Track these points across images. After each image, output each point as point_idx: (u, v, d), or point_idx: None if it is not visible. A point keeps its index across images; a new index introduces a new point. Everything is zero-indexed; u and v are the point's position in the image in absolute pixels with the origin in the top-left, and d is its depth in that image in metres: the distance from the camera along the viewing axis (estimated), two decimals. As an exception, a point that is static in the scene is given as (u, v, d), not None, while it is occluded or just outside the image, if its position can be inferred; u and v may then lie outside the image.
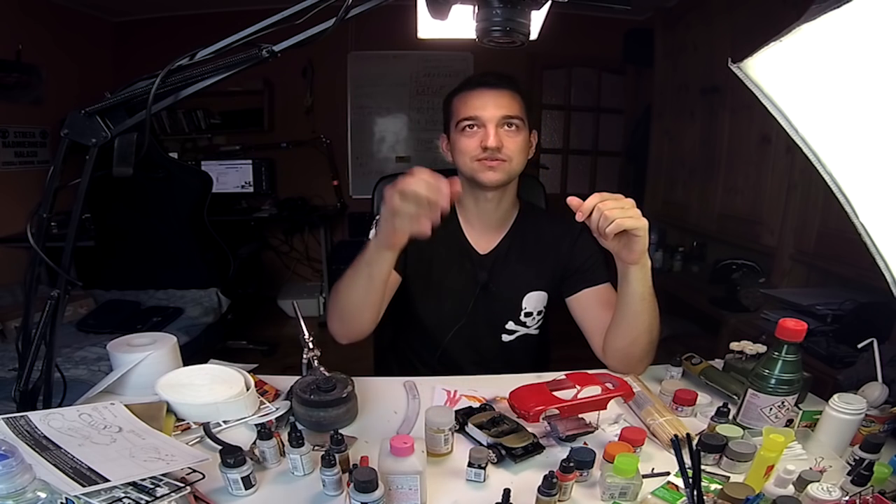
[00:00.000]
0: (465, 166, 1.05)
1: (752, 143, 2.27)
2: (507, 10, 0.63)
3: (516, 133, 1.03)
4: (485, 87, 1.03)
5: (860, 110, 0.47)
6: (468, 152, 1.03)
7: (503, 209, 1.12)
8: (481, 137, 1.01)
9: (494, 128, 1.00)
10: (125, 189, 2.38)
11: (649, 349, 0.97)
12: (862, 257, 0.55)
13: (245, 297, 3.18)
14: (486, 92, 1.03)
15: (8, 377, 1.70)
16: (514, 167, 1.04)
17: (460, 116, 1.04)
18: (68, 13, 3.15)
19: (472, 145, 1.02)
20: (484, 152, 1.00)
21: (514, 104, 1.03)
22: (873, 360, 0.85)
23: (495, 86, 1.03)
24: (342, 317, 0.98)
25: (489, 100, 1.02)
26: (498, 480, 0.71)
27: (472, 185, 1.06)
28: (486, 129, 1.00)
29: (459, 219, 1.13)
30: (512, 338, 1.14)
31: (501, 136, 1.01)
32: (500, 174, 1.02)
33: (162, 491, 0.58)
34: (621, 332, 0.96)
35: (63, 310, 0.74)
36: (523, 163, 1.06)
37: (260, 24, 0.65)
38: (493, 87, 1.03)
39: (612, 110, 3.89)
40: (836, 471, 0.72)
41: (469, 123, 1.02)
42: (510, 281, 1.11)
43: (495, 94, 1.02)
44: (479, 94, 1.03)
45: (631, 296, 0.91)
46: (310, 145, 3.64)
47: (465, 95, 1.04)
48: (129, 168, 0.71)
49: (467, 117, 1.02)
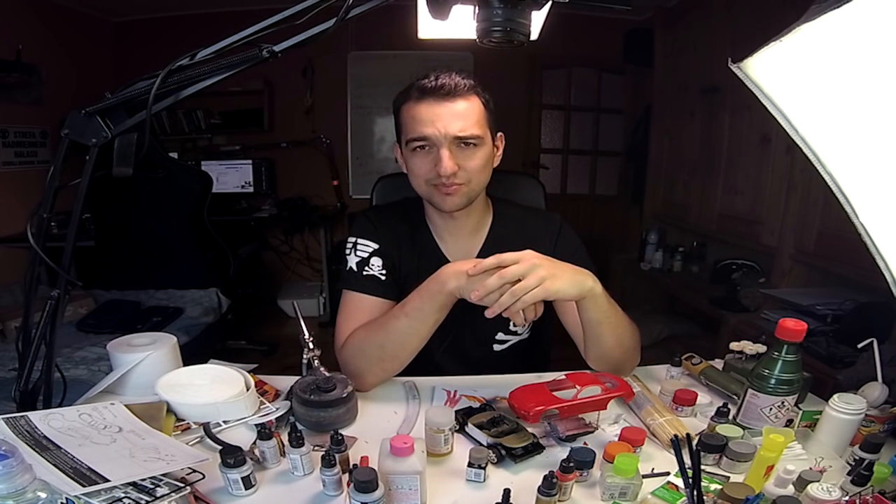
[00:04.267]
0: (419, 189, 0.96)
1: (752, 143, 2.27)
2: (508, 11, 0.63)
3: (475, 150, 0.92)
4: (434, 98, 0.89)
5: (860, 110, 0.47)
6: (422, 175, 0.93)
7: (473, 220, 1.04)
8: (434, 160, 0.90)
9: (448, 150, 0.89)
10: (125, 189, 2.38)
11: (626, 357, 0.95)
12: (862, 257, 0.55)
13: (245, 297, 3.19)
14: (435, 105, 0.89)
15: (8, 377, 1.70)
16: (475, 187, 0.95)
17: (409, 135, 0.92)
18: (68, 13, 3.15)
19: (425, 168, 0.92)
20: (438, 178, 0.90)
21: (471, 117, 0.90)
22: (873, 360, 0.85)
23: (446, 96, 0.89)
24: (389, 366, 0.91)
25: (440, 115, 0.88)
26: (498, 480, 0.71)
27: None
28: (439, 153, 0.89)
29: (432, 233, 1.06)
30: (504, 347, 1.10)
31: (457, 158, 0.90)
32: (459, 199, 0.94)
33: (162, 491, 0.58)
34: (590, 347, 0.93)
35: (63, 310, 0.74)
36: (487, 177, 0.97)
37: (260, 24, 0.65)
38: (443, 99, 0.89)
39: (612, 110, 3.89)
40: (836, 471, 0.72)
41: (419, 144, 0.91)
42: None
43: (447, 106, 0.88)
44: (427, 108, 0.89)
45: (588, 321, 0.87)
46: (310, 145, 3.65)
47: (413, 108, 0.91)
48: (129, 168, 0.71)
49: (416, 137, 0.90)
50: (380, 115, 3.74)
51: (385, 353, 0.90)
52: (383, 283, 1.00)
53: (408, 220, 1.07)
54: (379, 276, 1.00)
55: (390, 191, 1.29)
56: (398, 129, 0.97)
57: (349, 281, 1.01)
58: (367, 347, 0.91)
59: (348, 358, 0.94)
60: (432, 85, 0.89)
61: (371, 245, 1.02)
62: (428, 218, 1.07)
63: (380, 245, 1.03)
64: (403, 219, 1.07)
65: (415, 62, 3.59)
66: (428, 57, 3.58)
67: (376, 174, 1.35)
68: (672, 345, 2.56)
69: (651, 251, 2.93)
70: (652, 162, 3.22)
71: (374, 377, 0.93)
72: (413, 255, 1.05)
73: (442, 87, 0.89)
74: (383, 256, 1.02)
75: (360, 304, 0.99)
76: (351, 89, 3.66)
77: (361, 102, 3.70)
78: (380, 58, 3.59)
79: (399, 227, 1.06)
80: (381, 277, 1.00)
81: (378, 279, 1.00)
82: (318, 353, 0.89)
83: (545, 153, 3.89)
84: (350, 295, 1.00)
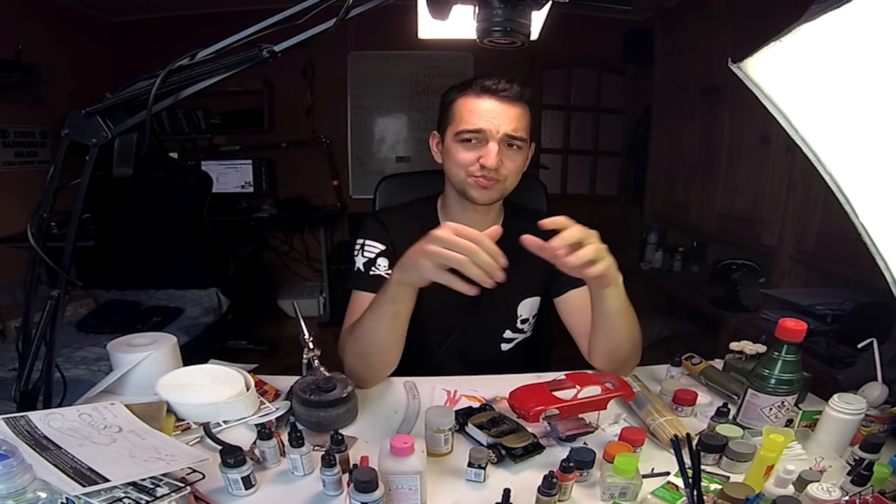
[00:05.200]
0: (456, 177, 0.99)
1: (752, 143, 2.27)
2: (508, 11, 0.63)
3: (517, 153, 0.97)
4: (496, 97, 0.94)
5: (860, 110, 0.47)
6: (464, 165, 0.96)
7: (490, 220, 1.07)
8: (481, 153, 0.94)
9: (497, 146, 0.93)
10: (125, 189, 2.38)
11: (633, 353, 0.96)
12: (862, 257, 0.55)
13: (245, 297, 3.18)
14: (496, 103, 0.94)
15: (8, 377, 1.70)
16: (508, 186, 0.99)
17: (462, 126, 0.95)
18: (68, 13, 3.15)
19: (470, 159, 0.95)
20: (481, 170, 0.94)
21: (523, 121, 0.95)
22: (873, 360, 0.85)
23: (508, 98, 0.94)
24: (368, 362, 0.93)
25: (498, 114, 0.93)
26: (498, 480, 0.71)
27: (461, 196, 1.01)
28: (487, 146, 0.93)
29: None
30: (511, 346, 1.11)
31: (502, 156, 0.94)
32: (493, 193, 0.98)
33: (162, 491, 0.58)
34: (601, 342, 0.94)
35: (63, 310, 0.74)
36: (518, 180, 1.01)
37: (260, 24, 0.65)
38: (503, 100, 0.94)
39: (612, 110, 3.89)
40: (835, 471, 0.72)
41: (471, 136, 0.95)
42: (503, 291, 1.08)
43: (506, 107, 0.94)
44: (488, 104, 0.94)
45: (607, 312, 0.88)
46: (310, 145, 3.65)
47: (473, 102, 0.95)
48: (129, 168, 0.71)
49: (471, 129, 0.94)
50: (380, 115, 3.75)
51: (360, 349, 0.91)
52: None
53: (421, 222, 1.07)
54: (385, 276, 1.01)
55: (394, 191, 1.30)
56: (445, 119, 1.00)
57: (356, 281, 1.03)
58: (348, 343, 0.93)
59: (341, 354, 0.96)
60: (497, 87, 0.94)
61: (378, 246, 1.04)
62: (444, 215, 1.08)
63: (387, 246, 1.04)
64: (416, 219, 1.08)
65: (415, 62, 3.60)
66: (428, 57, 3.58)
67: (376, 174, 1.36)
68: (672, 345, 2.56)
69: (651, 251, 2.93)
70: (652, 162, 3.23)
71: (361, 373, 0.94)
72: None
73: (505, 89, 0.94)
74: (390, 257, 1.03)
75: (365, 303, 0.99)
76: (351, 89, 3.66)
77: (361, 102, 3.70)
78: (380, 58, 3.59)
79: (413, 227, 1.06)
80: (387, 277, 1.00)
81: (384, 279, 1.00)
82: (318, 353, 0.89)
83: (545, 153, 3.88)
84: (357, 294, 1.02)
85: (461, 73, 3.48)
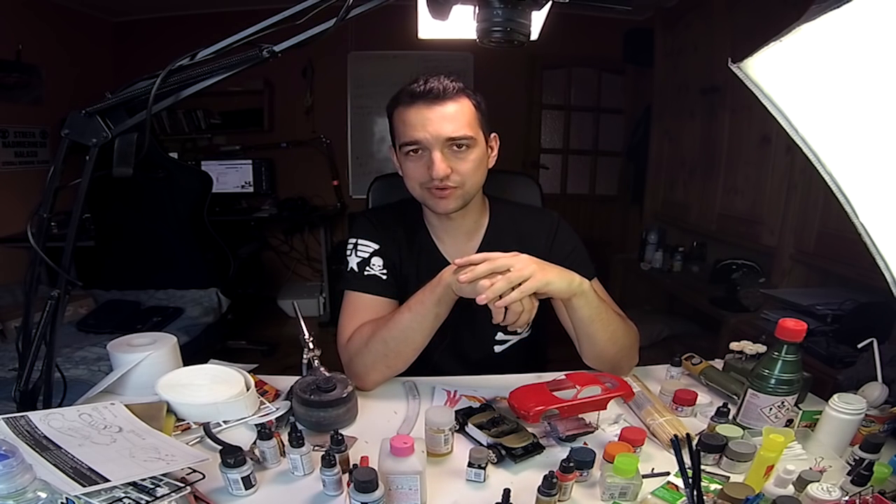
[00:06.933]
0: (414, 192, 0.97)
1: (752, 143, 2.27)
2: (508, 11, 0.63)
3: (467, 152, 0.92)
4: (425, 101, 0.89)
5: (860, 110, 0.47)
6: (415, 179, 0.94)
7: (470, 220, 1.04)
8: (427, 163, 0.91)
9: (440, 152, 0.89)
10: (125, 189, 2.38)
11: (621, 355, 0.95)
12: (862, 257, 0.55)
13: (245, 297, 3.18)
14: (425, 109, 0.89)
15: (8, 377, 1.70)
16: (469, 189, 0.95)
17: (402, 140, 0.92)
18: (68, 13, 3.15)
19: (419, 172, 0.92)
20: (432, 181, 0.91)
21: (461, 118, 0.90)
22: (873, 360, 0.85)
23: (436, 99, 0.89)
24: (393, 363, 0.92)
25: (431, 119, 0.89)
26: (498, 480, 0.71)
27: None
28: (431, 156, 0.90)
29: (430, 234, 1.06)
30: (504, 347, 1.10)
31: (450, 161, 0.90)
32: (453, 202, 0.94)
33: (162, 491, 0.58)
34: (584, 347, 0.94)
35: (63, 310, 0.74)
36: (482, 178, 0.97)
37: (260, 24, 0.65)
38: (433, 102, 0.89)
39: (612, 110, 3.89)
40: (835, 471, 0.72)
41: (412, 148, 0.92)
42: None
43: (437, 109, 0.89)
44: (417, 112, 0.89)
45: (580, 321, 0.88)
46: (310, 145, 3.64)
47: (405, 113, 0.91)
48: (129, 168, 0.71)
49: (409, 142, 0.91)
50: (380, 115, 3.74)
51: (389, 349, 0.90)
52: (384, 283, 1.00)
53: (406, 222, 1.07)
54: (380, 276, 1.00)
55: (387, 191, 1.29)
56: (392, 134, 0.98)
57: (350, 281, 1.01)
58: (372, 343, 0.91)
59: (352, 355, 0.94)
60: (421, 89, 0.90)
61: (371, 245, 1.03)
62: (426, 219, 1.07)
63: (380, 245, 1.03)
64: (402, 220, 1.07)
65: (415, 62, 3.60)
66: (428, 57, 3.58)
67: (376, 174, 1.35)
68: (672, 345, 2.56)
69: (651, 251, 2.93)
70: (652, 162, 3.22)
71: (379, 374, 0.94)
72: (412, 256, 1.05)
73: (430, 90, 0.89)
74: (384, 256, 1.02)
75: (361, 303, 0.99)
76: (351, 89, 3.66)
77: (361, 102, 3.70)
78: (380, 58, 3.59)
79: (398, 228, 1.06)
80: (383, 277, 1.00)
81: (379, 279, 1.00)
82: (318, 353, 0.89)
83: (545, 153, 3.89)
84: (352, 295, 1.01)
85: (461, 73, 3.48)
